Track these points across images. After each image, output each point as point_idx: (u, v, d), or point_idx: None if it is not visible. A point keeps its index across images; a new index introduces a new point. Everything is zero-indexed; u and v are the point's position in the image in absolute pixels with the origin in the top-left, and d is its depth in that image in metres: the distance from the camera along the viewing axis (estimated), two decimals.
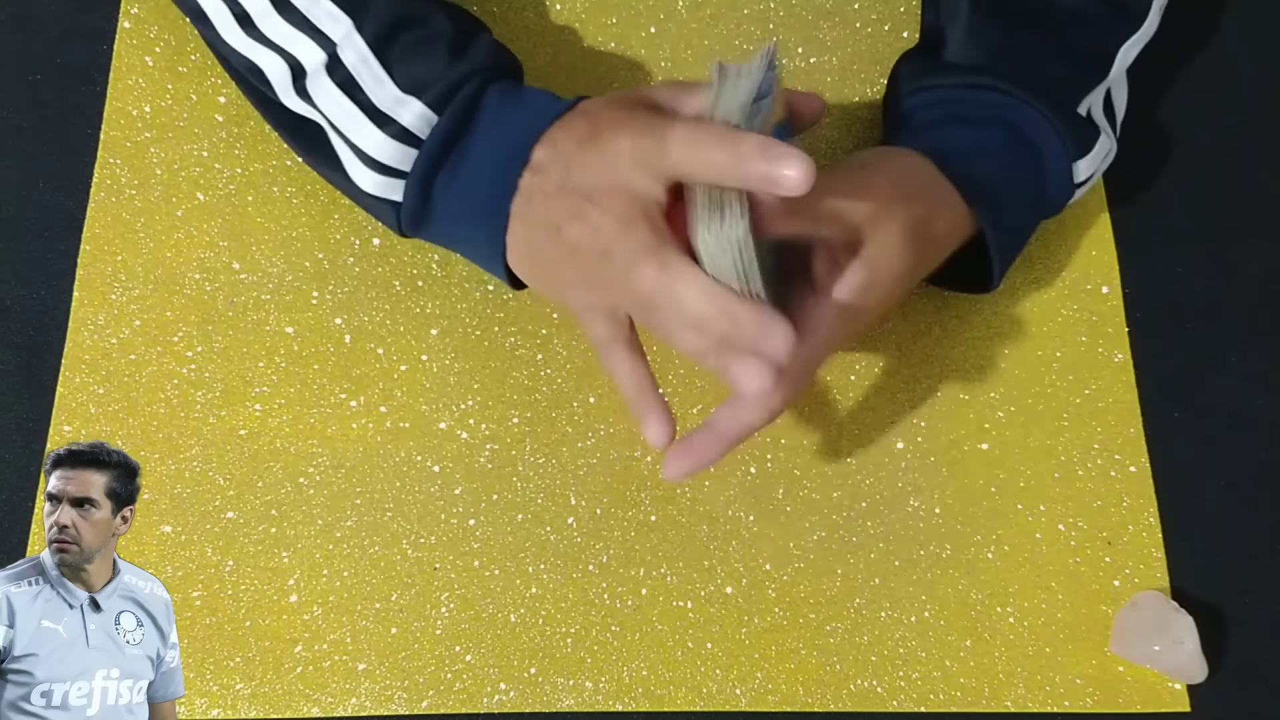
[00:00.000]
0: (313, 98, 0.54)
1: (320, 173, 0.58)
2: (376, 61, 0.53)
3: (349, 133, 0.54)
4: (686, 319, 0.47)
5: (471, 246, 0.56)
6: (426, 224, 0.55)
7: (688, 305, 0.46)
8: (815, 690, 0.55)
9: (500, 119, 0.53)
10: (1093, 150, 0.57)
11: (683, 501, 0.58)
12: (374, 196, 0.55)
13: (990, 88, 0.56)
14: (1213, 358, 0.62)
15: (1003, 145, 0.56)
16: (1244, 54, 0.68)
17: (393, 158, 0.53)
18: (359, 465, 0.58)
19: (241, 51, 0.55)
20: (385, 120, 0.53)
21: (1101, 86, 0.58)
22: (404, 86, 0.53)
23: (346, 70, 0.54)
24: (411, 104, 0.53)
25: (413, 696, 0.54)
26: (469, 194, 0.53)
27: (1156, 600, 0.56)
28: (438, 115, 0.53)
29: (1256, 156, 0.66)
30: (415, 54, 0.54)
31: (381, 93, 0.53)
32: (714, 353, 0.47)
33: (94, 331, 0.59)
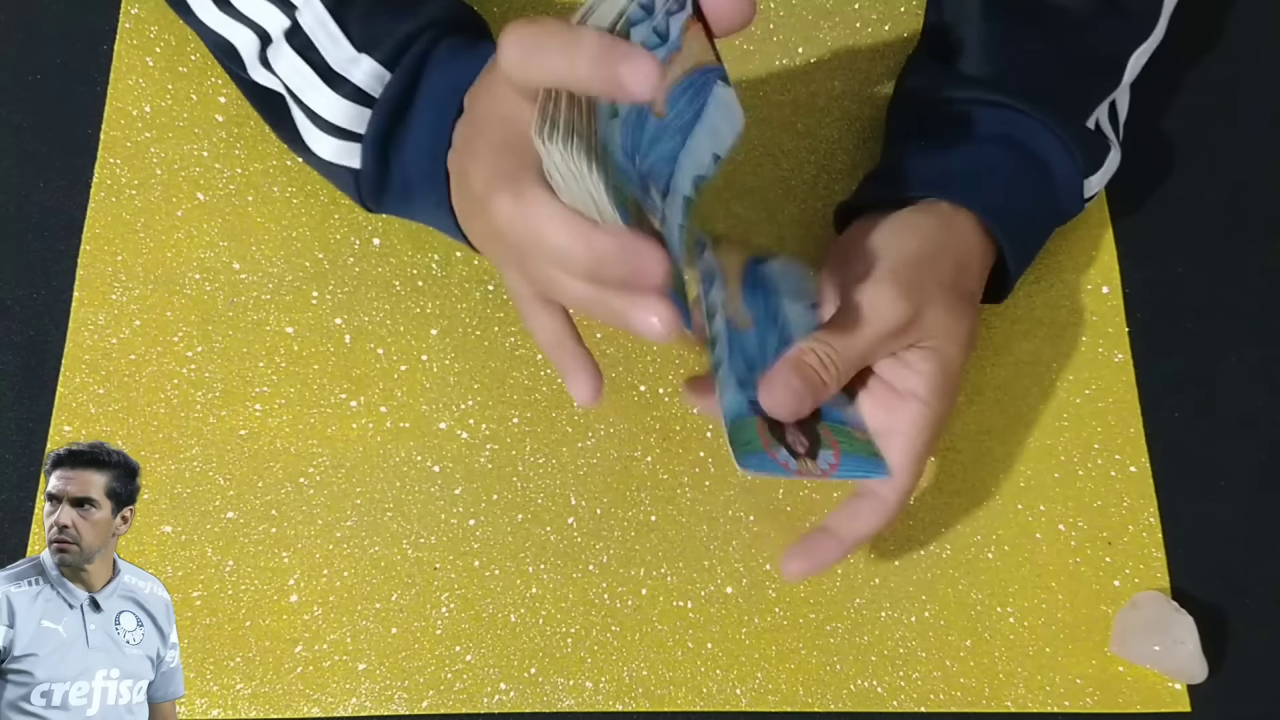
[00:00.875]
0: (273, 66, 0.53)
1: (288, 145, 0.57)
2: (333, 22, 0.52)
3: (305, 97, 0.53)
4: (548, 255, 0.41)
5: (426, 212, 0.53)
6: (387, 192, 0.54)
7: (546, 239, 0.41)
8: (815, 690, 0.55)
9: (446, 73, 0.51)
10: (1103, 166, 0.57)
11: (683, 501, 0.58)
12: (333, 164, 0.54)
13: (1001, 105, 0.56)
14: (1213, 358, 0.62)
15: (1015, 165, 0.55)
16: (1244, 54, 0.68)
17: (346, 119, 0.52)
18: (359, 465, 0.58)
19: (215, 29, 0.55)
20: (339, 80, 0.52)
21: (1111, 96, 0.58)
22: (358, 45, 0.52)
23: (305, 34, 0.53)
24: (363, 61, 0.52)
25: (413, 696, 0.54)
26: (416, 153, 0.51)
27: (1156, 600, 0.56)
28: (390, 72, 0.51)
29: (1256, 157, 0.66)
30: (372, 12, 0.52)
31: (337, 53, 0.52)
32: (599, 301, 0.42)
33: (94, 331, 0.59)
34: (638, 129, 0.42)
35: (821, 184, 0.63)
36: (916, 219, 0.53)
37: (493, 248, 0.48)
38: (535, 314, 0.47)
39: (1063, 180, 0.56)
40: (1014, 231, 0.55)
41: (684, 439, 0.59)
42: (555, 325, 0.47)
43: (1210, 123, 0.66)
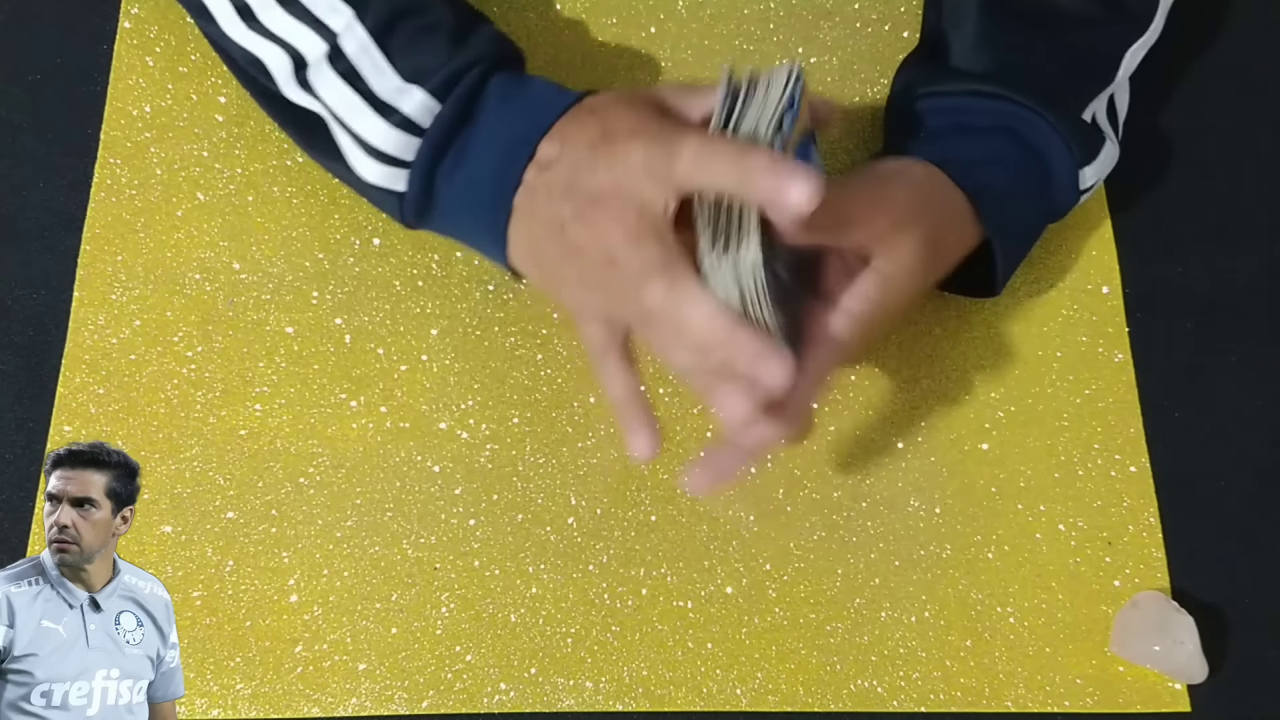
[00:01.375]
0: (314, 88, 0.54)
1: (322, 164, 0.58)
2: (378, 51, 0.53)
3: (351, 123, 0.54)
4: (687, 340, 0.47)
5: (474, 238, 0.56)
6: (429, 214, 0.55)
7: (692, 328, 0.46)
8: (815, 690, 0.55)
9: (505, 109, 0.53)
10: (1098, 157, 0.57)
11: (683, 501, 0.58)
12: (377, 187, 0.55)
13: (997, 95, 0.56)
14: (1213, 358, 0.62)
15: (1010, 155, 0.56)
16: (1244, 55, 0.68)
17: (395, 147, 0.53)
18: (359, 465, 0.58)
19: (243, 45, 0.55)
20: (388, 109, 0.53)
21: (1106, 91, 0.58)
22: (406, 75, 0.53)
23: (348, 60, 0.53)
24: (414, 92, 0.53)
25: (413, 696, 0.54)
26: (472, 185, 0.53)
27: (1156, 600, 0.56)
28: (440, 104, 0.53)
29: (1256, 157, 0.66)
30: (417, 43, 0.53)
31: (383, 82, 0.53)
32: (705, 373, 0.47)
33: (94, 331, 0.59)
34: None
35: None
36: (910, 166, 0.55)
37: (574, 295, 0.52)
38: (614, 369, 0.52)
39: (1059, 172, 0.56)
40: (1006, 223, 0.55)
41: (684, 439, 0.59)
42: (630, 382, 0.52)
43: (1210, 123, 0.66)
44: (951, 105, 0.57)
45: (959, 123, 0.57)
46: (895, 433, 0.59)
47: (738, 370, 0.46)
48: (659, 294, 0.46)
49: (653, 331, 0.48)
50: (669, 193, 0.47)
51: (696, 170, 0.46)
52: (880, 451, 0.59)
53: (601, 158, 0.49)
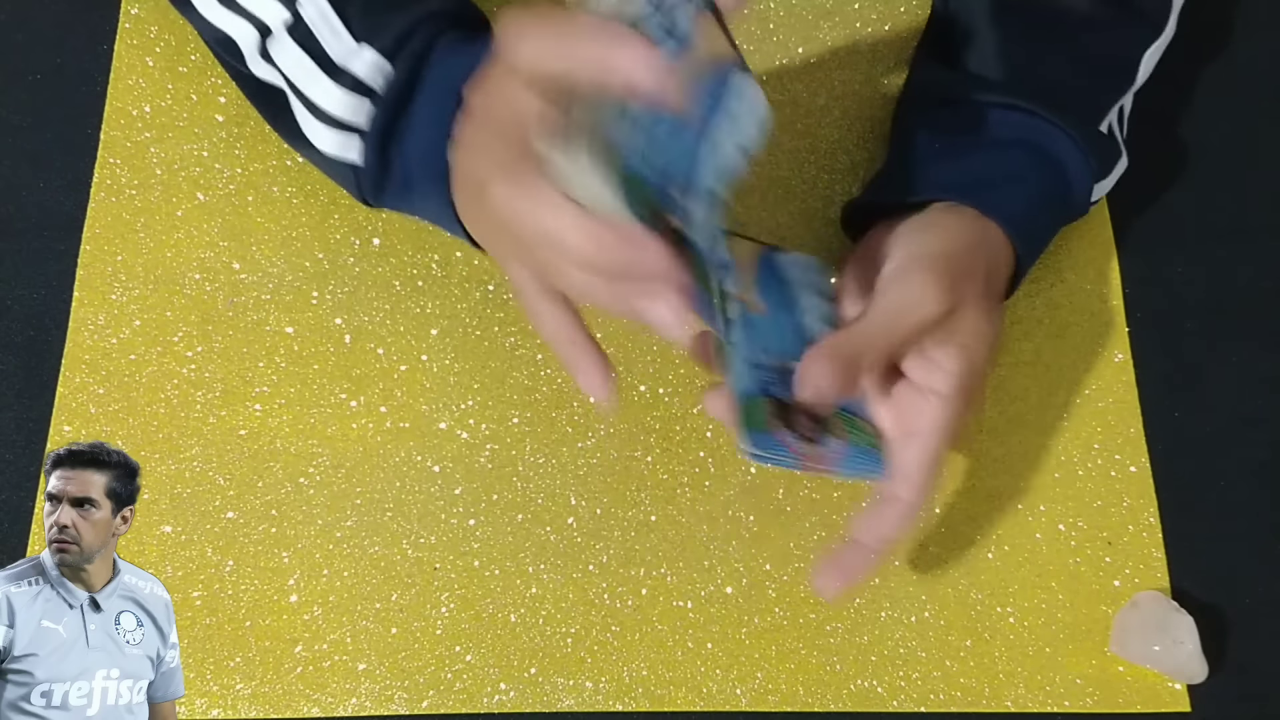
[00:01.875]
0: (275, 59, 0.53)
1: (290, 144, 0.57)
2: (334, 14, 0.52)
3: (305, 88, 0.53)
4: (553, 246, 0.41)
5: (427, 206, 0.53)
6: (386, 186, 0.54)
7: (546, 227, 0.41)
8: (815, 690, 0.55)
9: (447, 67, 0.51)
10: (1113, 171, 0.57)
11: (683, 501, 0.58)
12: (333, 158, 0.53)
13: (1016, 107, 0.55)
14: (1213, 358, 0.62)
15: (1033, 169, 0.55)
16: (1245, 54, 0.68)
17: (346, 110, 0.52)
18: (359, 465, 0.58)
19: (215, 23, 0.55)
20: (339, 72, 0.52)
21: (1127, 95, 0.58)
22: (358, 35, 0.52)
23: (306, 26, 0.52)
24: (364, 52, 0.51)
25: (413, 696, 0.54)
26: (417, 146, 0.51)
27: (1156, 600, 0.56)
28: (390, 63, 0.51)
29: (1257, 157, 0.66)
30: (372, 5, 0.52)
31: (338, 45, 0.52)
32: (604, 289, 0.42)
33: (94, 331, 0.59)
34: (652, 127, 0.42)
35: (821, 184, 0.63)
36: (946, 219, 0.53)
37: (494, 242, 0.48)
38: (540, 308, 0.47)
39: (1077, 185, 0.56)
40: (1030, 238, 0.55)
41: (684, 439, 0.59)
42: (561, 319, 0.47)
43: (1211, 123, 0.66)
44: (971, 116, 0.56)
45: (980, 136, 0.56)
46: None
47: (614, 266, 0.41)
48: (502, 195, 0.42)
49: (533, 255, 0.43)
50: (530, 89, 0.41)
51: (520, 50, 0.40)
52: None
53: (484, 74, 0.45)
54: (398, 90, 0.51)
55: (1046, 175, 0.55)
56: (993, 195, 0.53)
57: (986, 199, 0.53)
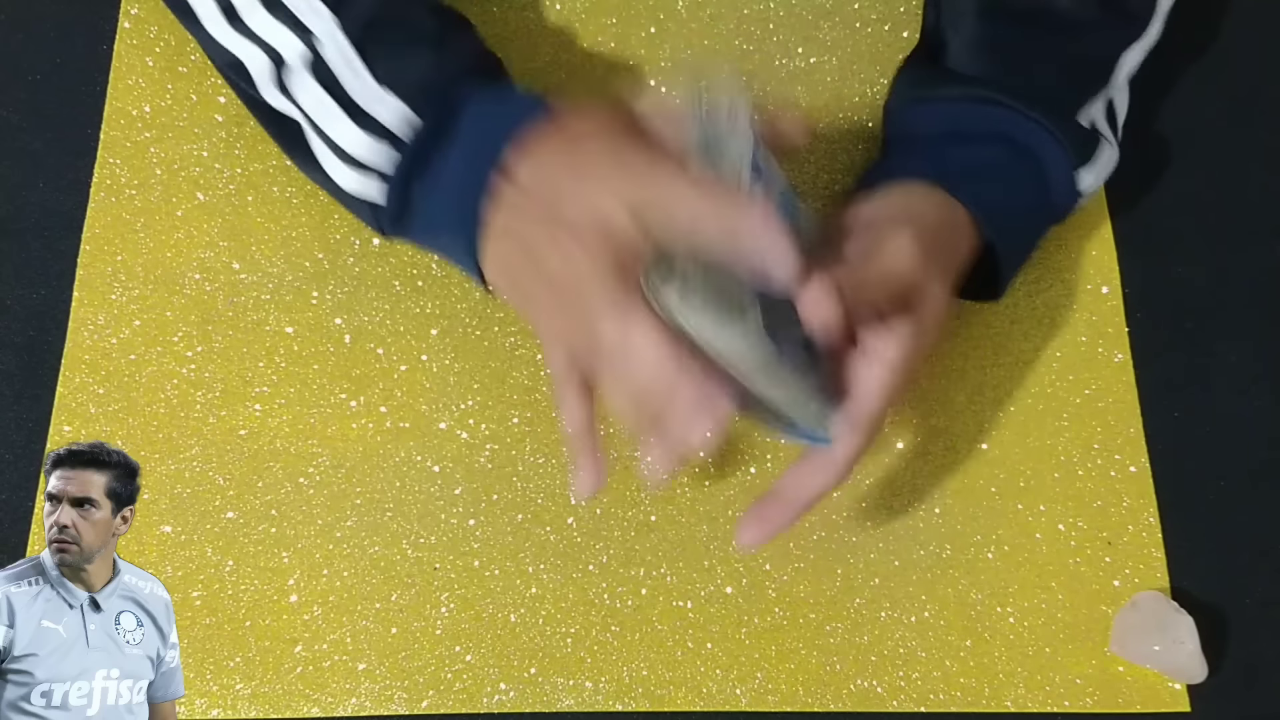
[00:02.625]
0: (292, 93, 0.54)
1: (302, 170, 0.58)
2: (357, 57, 0.53)
3: (327, 128, 0.53)
4: (631, 383, 0.46)
5: (449, 251, 0.55)
6: (406, 226, 0.55)
7: (637, 369, 0.45)
8: (815, 690, 0.55)
9: (479, 121, 0.52)
10: (1095, 159, 0.57)
11: (683, 501, 0.58)
12: (353, 196, 0.54)
13: (991, 101, 0.56)
14: (1213, 358, 0.62)
15: (1006, 161, 0.56)
16: (1244, 54, 0.68)
17: (370, 155, 0.53)
18: (359, 465, 0.58)
19: (226, 46, 0.55)
20: (363, 116, 0.52)
21: (1103, 95, 0.58)
22: (384, 83, 0.52)
23: (326, 65, 0.53)
24: (390, 101, 0.52)
25: (413, 696, 0.54)
26: (446, 198, 0.52)
27: (1156, 600, 0.56)
28: (417, 114, 0.52)
29: (1256, 157, 0.66)
30: (397, 51, 0.53)
31: (361, 88, 0.53)
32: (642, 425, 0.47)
33: (94, 331, 0.59)
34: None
35: (821, 184, 0.63)
36: (917, 197, 0.54)
37: (543, 320, 0.51)
38: (571, 400, 0.51)
39: (1055, 175, 0.56)
40: (1006, 230, 0.55)
41: None
42: (585, 416, 0.51)
43: (1210, 123, 0.66)
44: (946, 112, 0.57)
45: (954, 130, 0.57)
46: (895, 433, 0.59)
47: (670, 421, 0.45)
48: (611, 329, 0.46)
49: (603, 370, 0.48)
50: (644, 233, 0.46)
51: (680, 220, 0.46)
52: (880, 451, 0.59)
53: (573, 181, 0.48)
54: (423, 139, 0.52)
55: (1022, 167, 0.56)
56: (964, 184, 0.54)
57: (956, 186, 0.54)
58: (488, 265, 0.52)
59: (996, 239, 0.54)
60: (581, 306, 0.47)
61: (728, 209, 0.45)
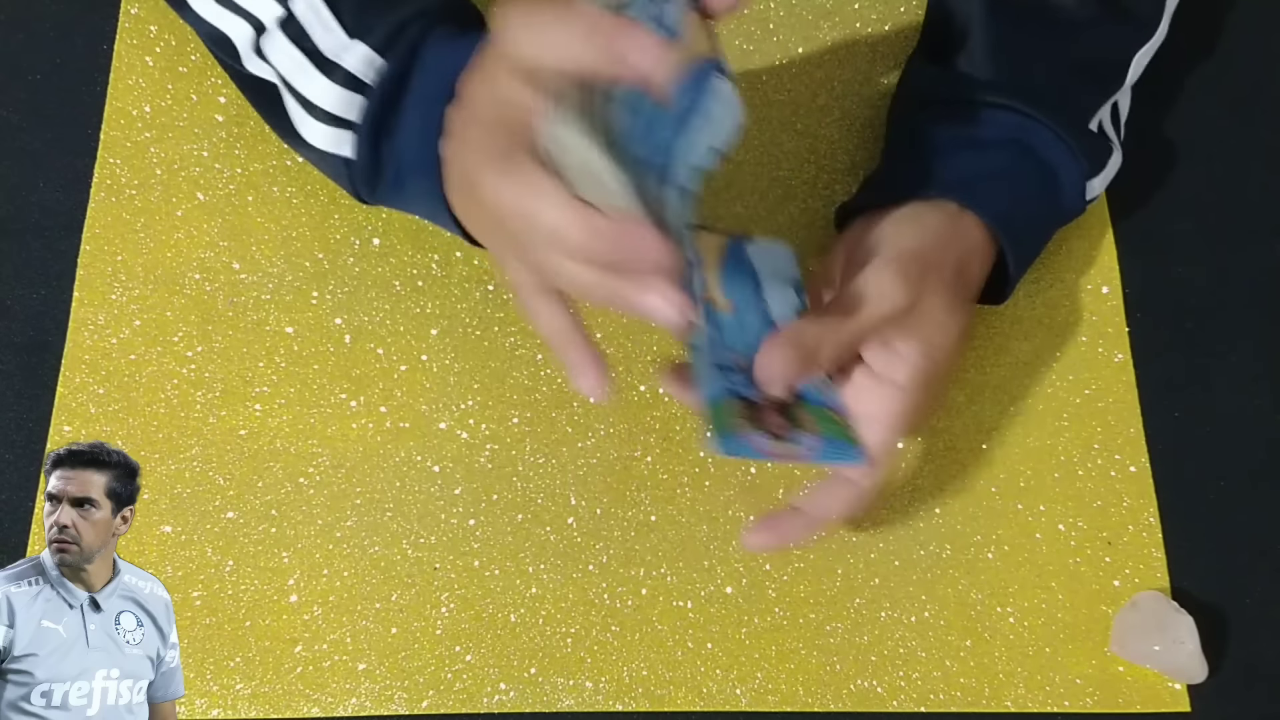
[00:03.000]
0: (267, 55, 0.54)
1: (284, 139, 0.57)
2: (327, 9, 0.52)
3: (297, 83, 0.53)
4: (547, 237, 0.41)
5: (419, 201, 0.53)
6: (379, 181, 0.54)
7: (540, 217, 0.41)
8: (815, 690, 0.55)
9: (439, 60, 0.51)
10: (1105, 168, 0.57)
11: (683, 501, 0.58)
12: (326, 153, 0.54)
13: (1006, 107, 0.55)
14: (1213, 358, 0.62)
15: (1020, 167, 0.55)
16: (1244, 55, 0.68)
17: (339, 105, 0.52)
18: (359, 465, 0.58)
19: (211, 21, 0.55)
20: (331, 67, 0.52)
21: (1114, 97, 0.58)
22: (350, 31, 0.52)
23: (298, 21, 0.53)
24: (356, 47, 0.52)
25: (413, 696, 0.54)
26: (409, 140, 0.51)
27: (1156, 600, 0.56)
28: (383, 58, 0.51)
29: (1256, 157, 0.66)
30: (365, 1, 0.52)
31: (329, 39, 0.52)
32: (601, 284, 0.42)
33: (94, 331, 0.59)
34: (633, 116, 0.42)
35: (821, 184, 0.63)
36: (922, 213, 0.53)
37: (490, 237, 0.48)
38: (537, 305, 0.47)
39: (1067, 183, 0.56)
40: (1018, 236, 0.55)
41: (684, 439, 0.59)
42: (558, 316, 0.47)
43: (1210, 123, 0.66)
44: (960, 116, 0.57)
45: (968, 135, 0.56)
46: None
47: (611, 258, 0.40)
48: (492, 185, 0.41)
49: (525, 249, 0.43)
50: (524, 82, 0.41)
51: (520, 39, 0.40)
52: None
53: (477, 66, 0.45)
54: (389, 84, 0.51)
55: (1034, 173, 0.56)
56: (976, 191, 0.54)
57: (970, 197, 0.54)
58: (455, 207, 0.50)
59: (1009, 248, 0.54)
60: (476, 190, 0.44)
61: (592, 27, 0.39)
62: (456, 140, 0.47)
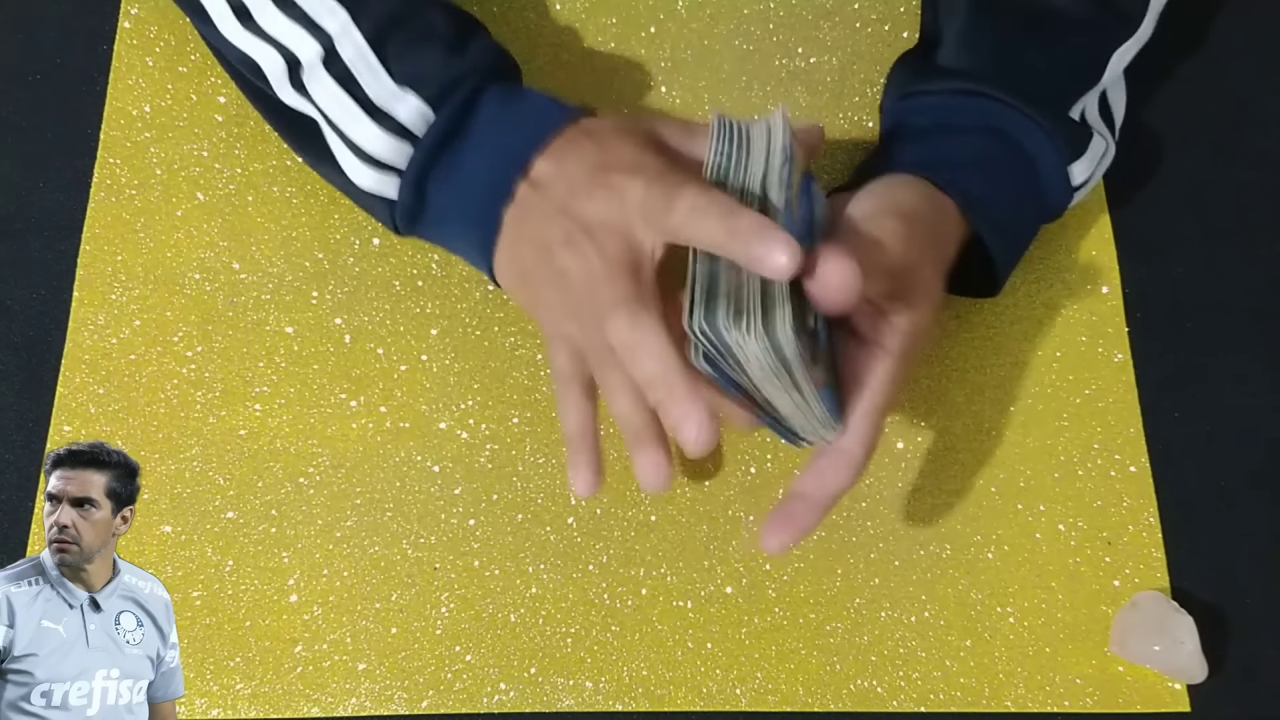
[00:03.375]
0: (309, 92, 0.54)
1: (313, 167, 0.58)
2: (374, 55, 0.53)
3: (345, 127, 0.54)
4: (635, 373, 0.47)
5: (462, 248, 0.56)
6: (420, 222, 0.55)
7: (641, 364, 0.46)
8: (815, 690, 0.55)
9: (499, 122, 0.53)
10: (1087, 152, 0.57)
11: (683, 501, 0.58)
12: (369, 194, 0.55)
13: (980, 94, 0.56)
14: (1213, 358, 0.62)
15: (995, 152, 0.56)
16: (1243, 54, 0.68)
17: (388, 153, 0.53)
18: (359, 465, 0.58)
19: (239, 46, 0.55)
20: (381, 115, 0.53)
21: (1094, 90, 0.58)
22: (400, 81, 0.53)
23: (344, 64, 0.53)
24: (408, 99, 0.53)
25: (413, 696, 0.54)
26: (463, 195, 0.53)
27: (1156, 600, 0.56)
28: (434, 111, 0.53)
29: (1256, 157, 0.66)
30: (413, 49, 0.54)
31: (378, 87, 0.53)
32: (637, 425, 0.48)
33: (94, 331, 0.59)
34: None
35: (821, 184, 0.63)
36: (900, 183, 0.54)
37: (552, 319, 0.52)
38: (573, 399, 0.51)
39: (1046, 166, 0.56)
40: (996, 221, 0.55)
41: None
42: (586, 416, 0.51)
43: (1210, 123, 0.66)
44: (936, 105, 0.57)
45: (943, 122, 0.57)
46: (895, 433, 0.59)
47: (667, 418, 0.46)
48: (621, 326, 0.47)
49: (606, 370, 0.49)
50: (658, 237, 0.48)
51: (688, 222, 0.46)
52: (880, 451, 0.59)
53: (599, 188, 0.49)
54: (440, 136, 0.53)
55: (1010, 158, 0.56)
56: (951, 175, 0.54)
57: (939, 175, 0.54)
58: (499, 264, 0.53)
59: (985, 230, 0.54)
60: (591, 305, 0.48)
61: (727, 213, 0.45)
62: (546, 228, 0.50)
